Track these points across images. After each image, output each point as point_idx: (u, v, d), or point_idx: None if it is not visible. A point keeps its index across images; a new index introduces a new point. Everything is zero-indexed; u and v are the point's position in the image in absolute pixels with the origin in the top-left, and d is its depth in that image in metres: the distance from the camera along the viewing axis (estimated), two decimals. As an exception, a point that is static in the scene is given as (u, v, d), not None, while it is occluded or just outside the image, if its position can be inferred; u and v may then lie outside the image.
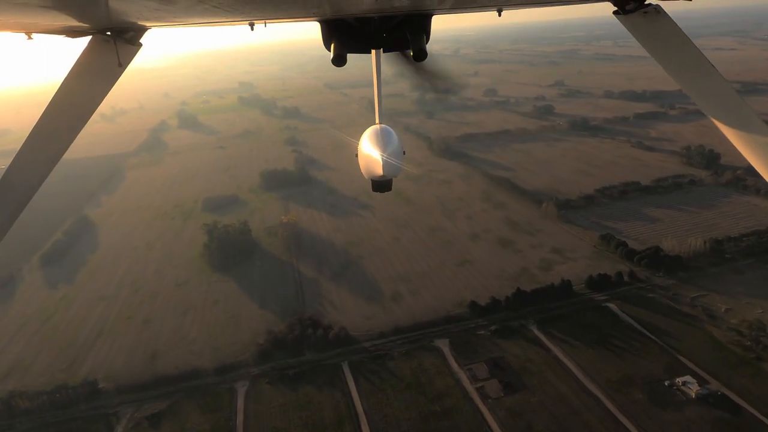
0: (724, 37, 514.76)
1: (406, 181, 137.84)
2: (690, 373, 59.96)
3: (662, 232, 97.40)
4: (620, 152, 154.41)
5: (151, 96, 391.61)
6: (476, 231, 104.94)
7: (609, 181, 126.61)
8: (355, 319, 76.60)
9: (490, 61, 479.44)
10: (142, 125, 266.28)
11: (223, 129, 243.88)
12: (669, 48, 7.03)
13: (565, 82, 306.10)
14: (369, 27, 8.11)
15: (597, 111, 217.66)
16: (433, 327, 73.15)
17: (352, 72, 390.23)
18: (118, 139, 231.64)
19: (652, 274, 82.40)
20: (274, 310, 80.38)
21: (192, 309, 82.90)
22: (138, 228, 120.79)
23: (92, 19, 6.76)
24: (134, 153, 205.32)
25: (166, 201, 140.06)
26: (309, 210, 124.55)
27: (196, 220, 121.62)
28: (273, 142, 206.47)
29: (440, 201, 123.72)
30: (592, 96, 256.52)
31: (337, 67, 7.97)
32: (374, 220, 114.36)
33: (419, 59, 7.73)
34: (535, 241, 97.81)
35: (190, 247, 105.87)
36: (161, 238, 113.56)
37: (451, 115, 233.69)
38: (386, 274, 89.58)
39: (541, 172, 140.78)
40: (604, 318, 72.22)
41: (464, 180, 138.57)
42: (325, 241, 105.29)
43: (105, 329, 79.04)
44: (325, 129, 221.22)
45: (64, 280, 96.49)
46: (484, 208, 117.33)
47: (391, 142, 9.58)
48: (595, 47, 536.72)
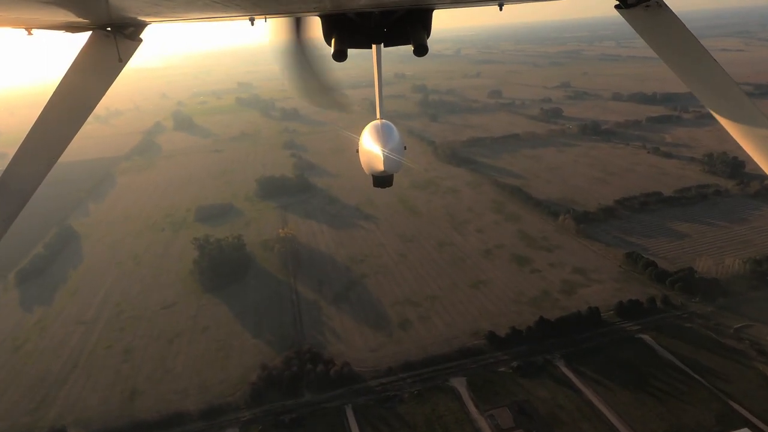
0: (729, 37, 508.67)
1: (411, 189, 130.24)
2: (747, 425, 52.11)
3: (692, 250, 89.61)
4: (636, 159, 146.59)
5: (148, 96, 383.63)
6: (489, 246, 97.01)
7: (628, 190, 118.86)
8: (359, 351, 68.64)
9: (492, 61, 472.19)
10: (136, 127, 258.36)
11: (219, 131, 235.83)
12: (671, 42, 6.99)
13: (571, 83, 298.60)
14: (369, 22, 7.99)
15: (607, 114, 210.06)
16: (448, 362, 65.15)
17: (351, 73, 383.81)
18: (110, 142, 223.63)
19: (687, 299, 74.50)
20: (270, 340, 72.38)
21: (179, 337, 74.91)
22: (125, 240, 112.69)
23: (92, 14, 6.74)
24: (127, 156, 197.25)
25: (157, 210, 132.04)
26: (308, 221, 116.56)
27: (188, 232, 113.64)
28: (271, 145, 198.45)
29: (448, 212, 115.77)
30: (600, 98, 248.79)
31: (337, 62, 7.64)
32: (378, 233, 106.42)
33: (420, 54, 7.53)
34: (554, 259, 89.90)
35: (179, 264, 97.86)
36: (149, 252, 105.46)
37: (455, 118, 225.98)
38: (393, 297, 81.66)
39: (554, 180, 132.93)
40: (640, 353, 64.29)
41: (473, 188, 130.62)
42: (325, 257, 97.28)
43: (81, 361, 70.99)
44: (325, 132, 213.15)
45: (41, 301, 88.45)
46: (495, 220, 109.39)
47: (392, 137, 9.52)
48: (599, 48, 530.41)
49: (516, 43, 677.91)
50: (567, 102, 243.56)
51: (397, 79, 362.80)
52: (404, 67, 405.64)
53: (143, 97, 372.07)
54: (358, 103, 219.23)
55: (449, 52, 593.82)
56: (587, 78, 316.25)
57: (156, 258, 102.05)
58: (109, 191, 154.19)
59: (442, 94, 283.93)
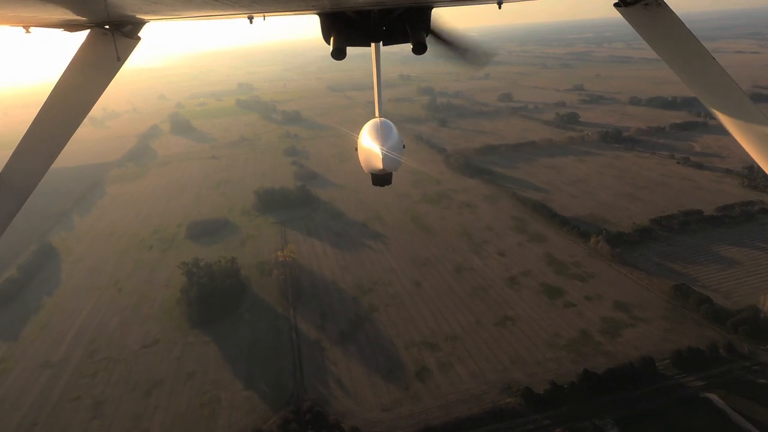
0: (741, 39, 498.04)
1: (423, 203, 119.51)
2: None
3: (748, 282, 78.50)
4: (666, 170, 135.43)
5: (146, 97, 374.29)
6: (513, 273, 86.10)
7: (662, 207, 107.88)
8: (370, 410, 57.80)
9: (499, 62, 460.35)
10: (132, 130, 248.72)
11: (218, 135, 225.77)
12: (670, 41, 6.92)
13: (584, 86, 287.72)
14: (368, 20, 7.96)
15: (626, 120, 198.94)
16: (477, 427, 54.35)
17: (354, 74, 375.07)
18: (104, 147, 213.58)
19: (755, 346, 63.44)
20: (264, 393, 61.56)
21: (159, 386, 64.17)
22: (108, 261, 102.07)
23: (90, 12, 6.69)
24: (119, 163, 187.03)
25: (146, 224, 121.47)
26: (310, 240, 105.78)
27: (178, 251, 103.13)
28: (271, 151, 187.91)
29: (465, 230, 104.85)
30: (617, 102, 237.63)
31: (336, 60, 7.72)
32: (389, 256, 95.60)
33: (418, 53, 7.54)
34: (589, 291, 78.95)
35: (165, 291, 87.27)
36: (133, 276, 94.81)
37: (466, 123, 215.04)
38: (407, 337, 70.79)
39: (579, 194, 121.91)
40: (711, 419, 53.31)
41: (490, 203, 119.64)
42: (329, 285, 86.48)
43: (42, 417, 60.31)
44: (329, 137, 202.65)
45: (7, 336, 77.84)
46: (518, 241, 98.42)
47: (391, 135, 9.59)
48: (608, 49, 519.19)
49: (521, 43, 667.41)
50: (582, 106, 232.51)
51: (402, 81, 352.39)
52: (407, 68, 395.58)
53: (141, 99, 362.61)
54: (362, 106, 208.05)
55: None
56: (600, 80, 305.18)
57: (140, 284, 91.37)
58: (96, 202, 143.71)
59: (450, 97, 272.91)
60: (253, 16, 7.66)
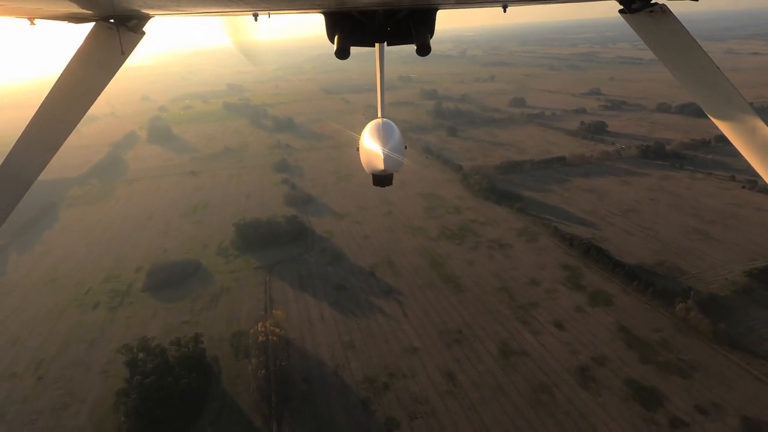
0: (753, 40, 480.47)
1: (443, 240, 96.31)
2: None
3: None
4: (731, 197, 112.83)
5: (129, 98, 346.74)
6: (582, 361, 62.78)
7: (751, 252, 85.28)
8: None
9: (502, 63, 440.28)
10: (106, 138, 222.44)
11: (200, 145, 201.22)
12: (674, 49, 6.82)
13: (601, 90, 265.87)
14: (373, 20, 7.90)
15: (660, 130, 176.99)
16: None
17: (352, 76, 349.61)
18: (70, 158, 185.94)
19: None
20: None
21: None
22: (35, 329, 77.62)
23: (96, 5, 6.58)
24: (82, 179, 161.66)
25: (97, 267, 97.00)
26: (302, 296, 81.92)
27: (131, 311, 79.24)
28: (259, 166, 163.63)
29: (503, 284, 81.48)
30: (643, 109, 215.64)
31: (340, 59, 7.57)
32: (407, 326, 72.01)
33: (423, 54, 7.41)
34: (699, 396, 55.81)
35: (103, 383, 63.18)
36: (64, 353, 70.50)
37: (478, 132, 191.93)
38: (447, 482, 47.27)
39: (635, 230, 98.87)
40: None
41: (528, 242, 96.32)
42: (328, 378, 62.68)
43: None
44: (325, 149, 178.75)
45: None
46: (576, 303, 75.16)
47: (393, 136, 9.53)
48: (614, 50, 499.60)
49: (522, 44, 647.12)
50: (606, 113, 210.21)
51: (403, 83, 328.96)
52: (408, 69, 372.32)
53: (123, 101, 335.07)
54: (362, 111, 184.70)
55: (454, 53, 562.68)
56: (617, 84, 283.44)
57: (70, 368, 67.04)
58: (43, 233, 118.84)
59: (456, 102, 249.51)
60: (258, 14, 7.55)
